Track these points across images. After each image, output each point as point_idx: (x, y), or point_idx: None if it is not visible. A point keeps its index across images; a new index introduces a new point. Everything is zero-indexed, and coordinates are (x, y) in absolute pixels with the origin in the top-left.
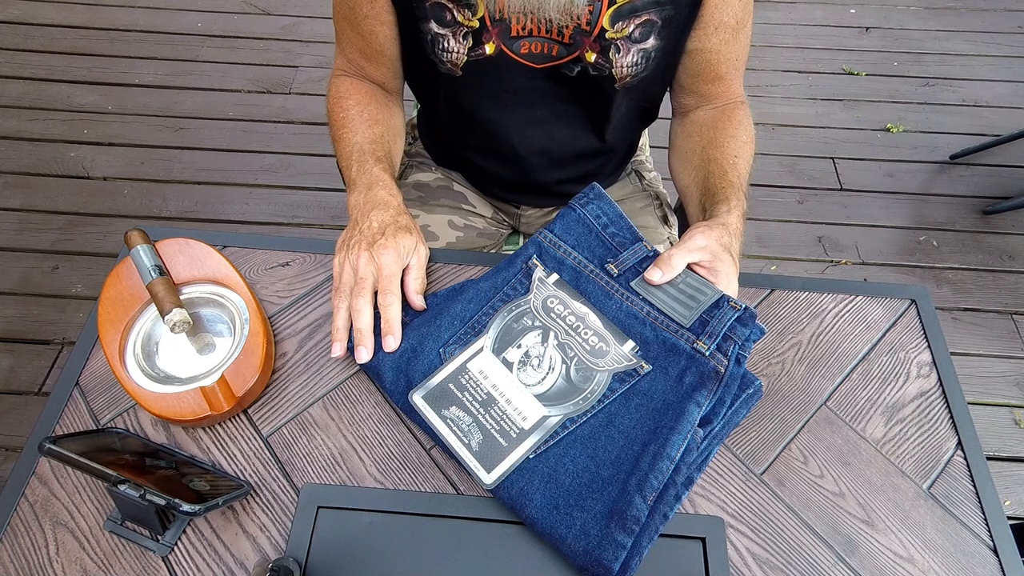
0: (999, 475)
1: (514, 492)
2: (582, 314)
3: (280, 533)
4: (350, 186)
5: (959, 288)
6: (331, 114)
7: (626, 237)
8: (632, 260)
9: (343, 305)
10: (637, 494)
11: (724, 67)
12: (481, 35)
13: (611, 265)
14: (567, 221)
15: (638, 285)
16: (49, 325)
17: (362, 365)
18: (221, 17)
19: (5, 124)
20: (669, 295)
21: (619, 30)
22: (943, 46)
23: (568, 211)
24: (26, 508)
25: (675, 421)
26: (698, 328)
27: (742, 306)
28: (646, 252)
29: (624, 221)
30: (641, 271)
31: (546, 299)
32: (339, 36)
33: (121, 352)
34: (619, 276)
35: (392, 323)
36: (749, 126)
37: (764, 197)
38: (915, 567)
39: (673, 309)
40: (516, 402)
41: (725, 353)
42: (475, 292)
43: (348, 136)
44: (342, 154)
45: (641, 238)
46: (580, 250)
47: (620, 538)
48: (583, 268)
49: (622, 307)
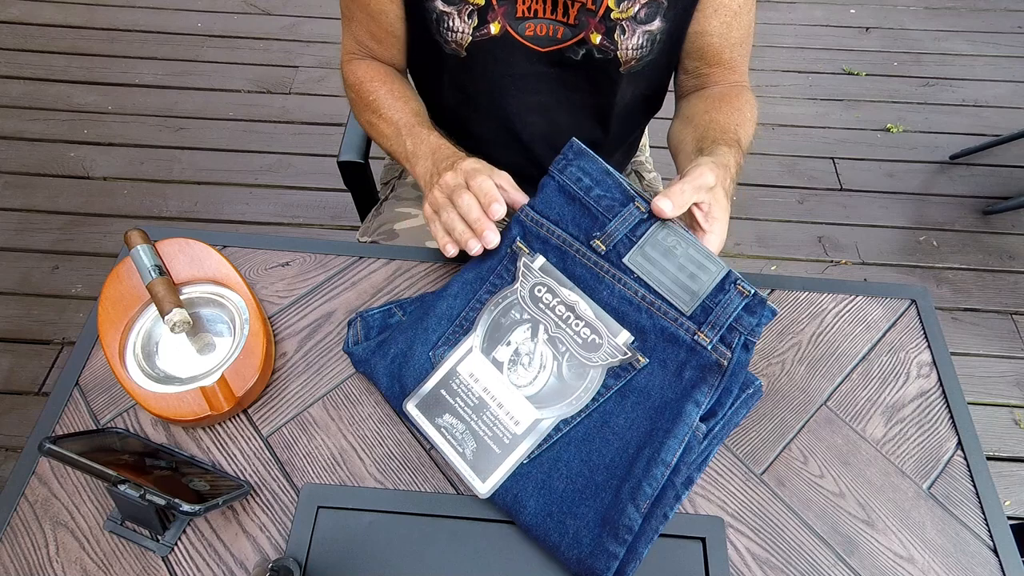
0: (999, 475)
1: (508, 499)
2: (572, 302)
3: (280, 533)
4: (411, 159)
5: (959, 288)
6: (358, 98)
7: (615, 198)
8: (623, 230)
9: (440, 218)
10: (630, 503)
11: (727, 52)
12: (486, 14)
13: (597, 241)
14: (547, 192)
15: (632, 262)
16: (49, 325)
17: (359, 369)
18: (221, 17)
19: (5, 124)
20: (667, 273)
21: (624, 10)
22: (943, 46)
23: (547, 180)
24: (26, 508)
25: (672, 423)
26: (700, 316)
27: (751, 291)
28: (638, 216)
29: (611, 178)
30: (635, 241)
31: (533, 287)
32: (348, 18)
33: (121, 352)
34: (608, 252)
35: (489, 193)
36: (753, 107)
37: (764, 197)
38: (915, 567)
39: (671, 292)
40: (508, 406)
41: (729, 345)
42: (461, 285)
43: (388, 115)
44: (386, 134)
45: (634, 196)
46: (564, 225)
47: (612, 548)
48: (569, 247)
49: (614, 291)
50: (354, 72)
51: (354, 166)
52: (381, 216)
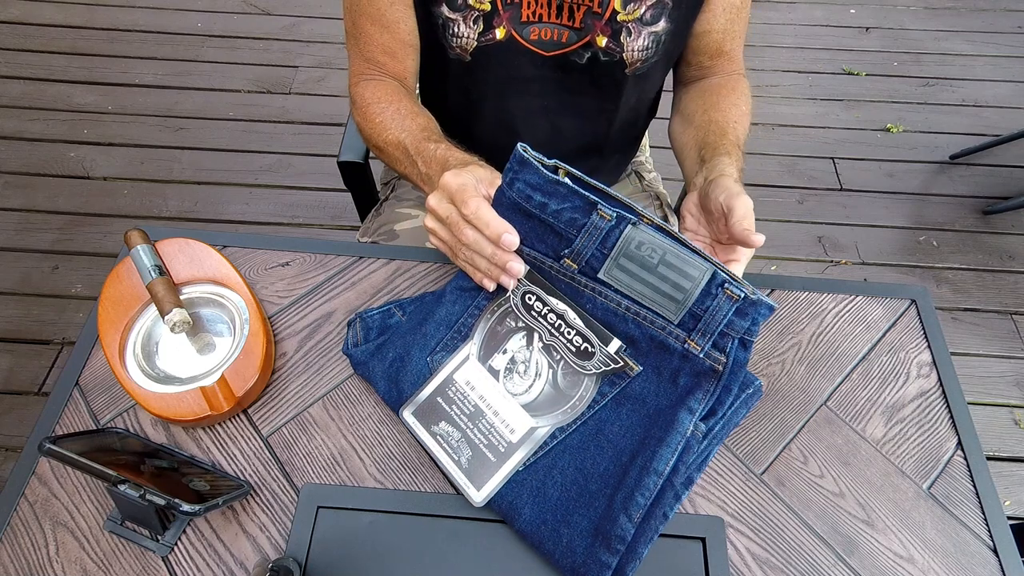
0: (999, 475)
1: (504, 506)
2: (561, 311)
3: (280, 533)
4: (426, 183)
5: (959, 288)
6: (364, 123)
7: (576, 208)
8: (591, 245)
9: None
10: (622, 513)
11: (728, 44)
12: (492, 19)
13: (567, 260)
14: (503, 209)
15: (608, 275)
16: (49, 325)
17: (358, 372)
18: (221, 17)
19: (5, 124)
20: (647, 284)
21: (631, 12)
22: (943, 46)
23: (499, 194)
24: (26, 508)
25: (664, 432)
26: (689, 323)
27: (740, 295)
28: (605, 225)
29: (563, 187)
30: (606, 253)
31: (524, 295)
32: (356, 36)
33: (121, 352)
34: (582, 268)
35: (491, 224)
36: (748, 99)
37: (764, 197)
38: (915, 567)
39: (655, 301)
40: (503, 414)
41: (723, 349)
42: (459, 292)
43: (394, 137)
44: (396, 159)
45: (596, 203)
46: (529, 243)
47: (604, 558)
48: (543, 264)
49: (597, 304)
50: (360, 95)
51: (354, 166)
52: (381, 216)
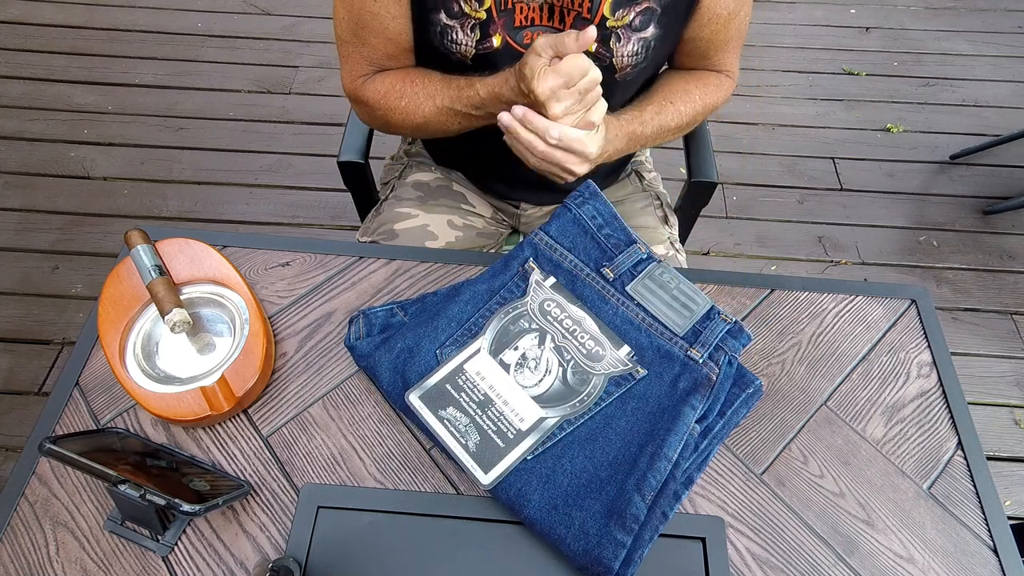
0: (999, 475)
1: (512, 493)
2: (579, 318)
3: (280, 533)
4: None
5: (959, 288)
6: (390, 114)
7: (620, 239)
8: (627, 264)
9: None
10: (636, 493)
11: (712, 51)
12: (488, 27)
13: (607, 269)
14: (563, 222)
15: (634, 290)
16: (49, 325)
17: (360, 365)
18: (221, 17)
19: (5, 124)
20: (663, 301)
21: (620, 18)
22: (943, 46)
23: (563, 211)
24: (26, 508)
25: (671, 423)
26: (691, 337)
27: (732, 320)
28: (640, 256)
29: (618, 222)
30: (636, 274)
31: (543, 302)
32: (357, 44)
33: (121, 352)
34: (615, 280)
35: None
36: (711, 94)
37: (764, 197)
38: (915, 567)
39: (666, 317)
40: (513, 403)
41: (717, 362)
42: (472, 294)
43: (433, 106)
44: (444, 123)
45: (635, 240)
46: (576, 253)
47: (620, 537)
48: (579, 272)
49: (618, 312)
50: (374, 87)
51: (354, 166)
52: (381, 216)
